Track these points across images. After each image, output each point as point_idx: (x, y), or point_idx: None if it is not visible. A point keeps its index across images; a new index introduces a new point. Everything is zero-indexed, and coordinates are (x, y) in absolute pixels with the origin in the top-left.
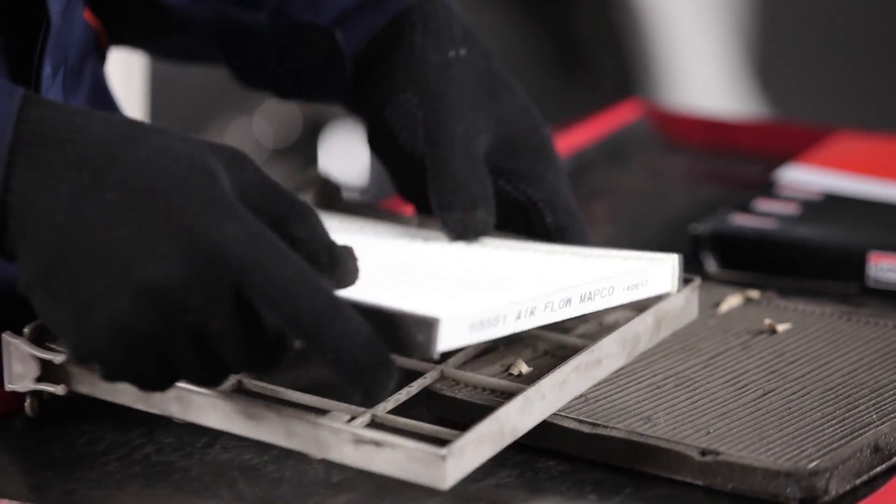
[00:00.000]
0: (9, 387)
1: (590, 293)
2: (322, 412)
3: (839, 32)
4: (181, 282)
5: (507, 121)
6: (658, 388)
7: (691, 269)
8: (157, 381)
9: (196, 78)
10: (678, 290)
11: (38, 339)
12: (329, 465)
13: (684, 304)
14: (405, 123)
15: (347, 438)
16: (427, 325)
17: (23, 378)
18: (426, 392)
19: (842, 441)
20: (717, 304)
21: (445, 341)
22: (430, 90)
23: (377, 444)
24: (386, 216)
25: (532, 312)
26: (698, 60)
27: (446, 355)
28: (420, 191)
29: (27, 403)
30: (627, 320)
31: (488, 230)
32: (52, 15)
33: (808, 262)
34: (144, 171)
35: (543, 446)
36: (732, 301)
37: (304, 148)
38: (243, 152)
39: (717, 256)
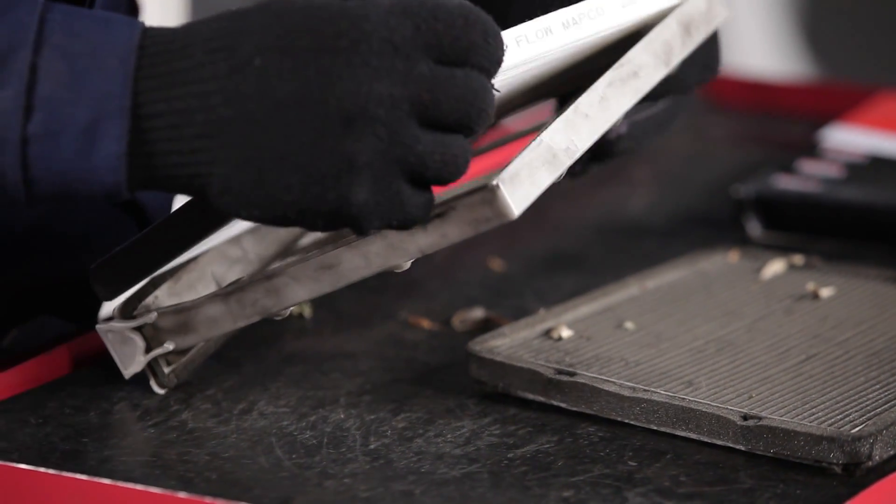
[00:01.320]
0: (127, 373)
1: (576, 16)
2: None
3: None
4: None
5: None
6: (699, 352)
7: (734, 231)
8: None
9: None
10: None
11: (129, 314)
12: (367, 432)
13: (707, 4)
14: None
15: (416, 229)
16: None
17: (133, 357)
18: (466, 354)
19: (886, 406)
20: (759, 269)
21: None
22: None
23: (440, 214)
24: None
25: (527, 39)
26: (743, 19)
27: None
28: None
29: (152, 382)
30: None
31: None
32: None
33: (852, 224)
34: (278, 27)
35: (584, 411)
36: (775, 266)
37: None
38: None
39: (761, 219)
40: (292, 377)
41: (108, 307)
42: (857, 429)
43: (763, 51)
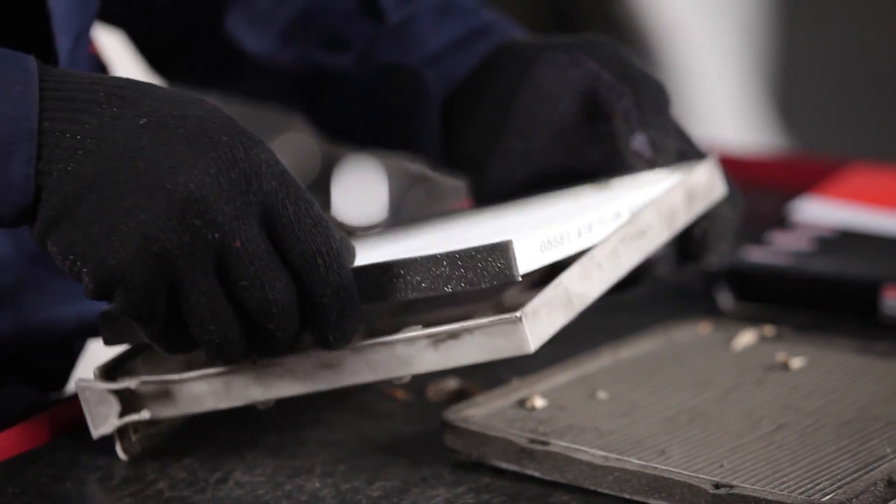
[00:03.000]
0: (96, 434)
1: (639, 206)
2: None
3: (859, 64)
4: (214, 193)
5: None
6: (672, 421)
7: (705, 303)
8: (166, 320)
9: None
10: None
11: (110, 376)
12: (342, 501)
13: (709, 178)
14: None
15: (425, 344)
16: (503, 250)
17: (106, 419)
18: (440, 423)
19: (856, 475)
20: (731, 340)
21: (523, 262)
22: None
23: (454, 335)
24: None
25: (590, 228)
26: (715, 92)
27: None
28: None
29: (118, 447)
30: None
31: None
32: (60, 55)
33: (822, 296)
34: (176, 101)
35: (558, 480)
36: (746, 337)
37: (322, 184)
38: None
39: (732, 290)
40: (268, 446)
41: (88, 369)
42: (828, 497)
43: (735, 123)
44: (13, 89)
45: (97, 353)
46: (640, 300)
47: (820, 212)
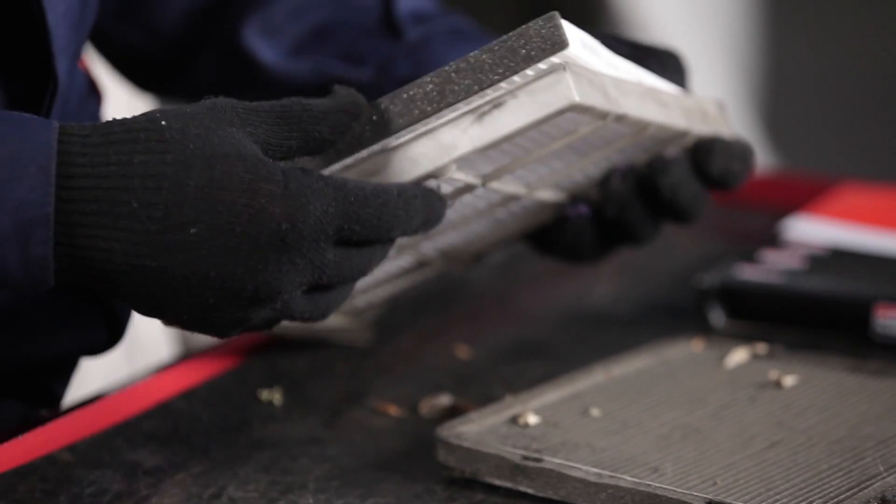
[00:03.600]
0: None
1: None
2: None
3: (848, 82)
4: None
5: None
6: (665, 439)
7: (697, 321)
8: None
9: None
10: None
11: None
12: None
13: (719, 113)
14: None
15: (470, 121)
16: (549, 20)
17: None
18: (434, 440)
19: (848, 493)
20: (723, 358)
21: (570, 32)
22: None
23: (499, 104)
24: None
25: (618, 69)
26: None
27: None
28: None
29: None
30: None
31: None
32: (59, 76)
33: (814, 314)
34: (214, 199)
35: (551, 496)
36: (739, 355)
37: None
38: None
39: (724, 308)
40: (261, 462)
41: (82, 387)
42: None
43: None
44: (28, 169)
45: (90, 370)
46: (633, 318)
47: (812, 230)
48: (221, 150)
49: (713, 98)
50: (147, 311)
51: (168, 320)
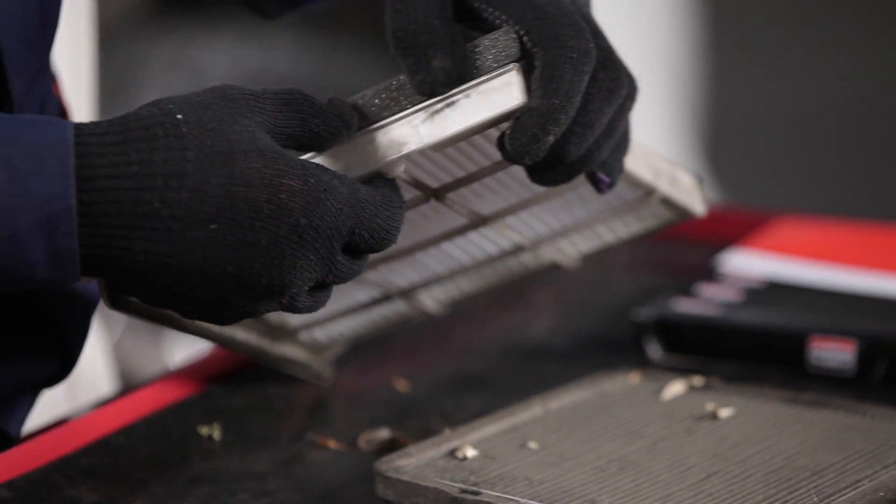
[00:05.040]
0: None
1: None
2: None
3: (790, 116)
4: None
5: None
6: (602, 471)
7: (635, 354)
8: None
9: None
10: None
11: None
12: None
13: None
14: None
15: (422, 118)
16: (506, 33)
17: None
18: (372, 473)
19: None
20: (660, 391)
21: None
22: None
23: (451, 103)
24: None
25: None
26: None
27: None
28: None
29: None
30: None
31: (453, 76)
32: (14, 97)
33: (750, 347)
34: (235, 196)
35: None
36: (676, 388)
37: None
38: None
39: (661, 341)
40: (200, 498)
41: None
42: None
43: None
44: (48, 164)
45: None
46: (571, 351)
47: (748, 263)
48: (240, 145)
49: (691, 171)
50: (160, 304)
51: (180, 311)
